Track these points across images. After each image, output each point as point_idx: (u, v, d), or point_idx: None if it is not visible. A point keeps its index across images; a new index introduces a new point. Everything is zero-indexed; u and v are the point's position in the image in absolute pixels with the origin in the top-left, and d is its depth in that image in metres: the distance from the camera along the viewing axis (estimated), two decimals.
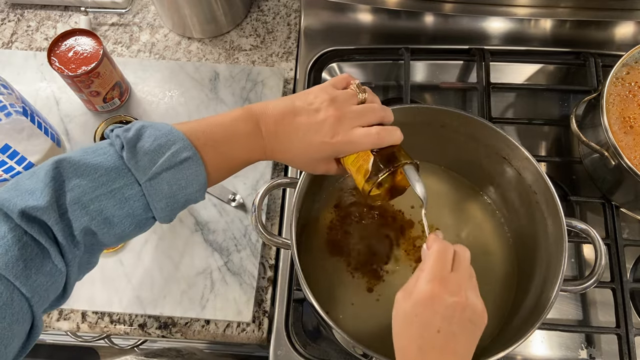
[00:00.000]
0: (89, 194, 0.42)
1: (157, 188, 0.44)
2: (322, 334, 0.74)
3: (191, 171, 0.45)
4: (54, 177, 0.41)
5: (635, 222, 0.81)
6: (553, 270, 0.60)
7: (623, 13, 0.87)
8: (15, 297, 0.39)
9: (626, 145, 0.68)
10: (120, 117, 0.76)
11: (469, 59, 0.89)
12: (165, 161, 0.44)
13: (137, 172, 0.43)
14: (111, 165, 0.43)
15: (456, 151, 0.71)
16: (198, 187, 0.46)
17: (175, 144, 0.45)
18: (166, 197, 0.45)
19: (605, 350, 0.74)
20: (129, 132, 0.44)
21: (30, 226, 0.40)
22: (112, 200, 0.43)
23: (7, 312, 0.38)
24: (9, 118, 0.67)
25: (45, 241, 0.40)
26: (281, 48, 0.93)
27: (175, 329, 0.74)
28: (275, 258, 0.77)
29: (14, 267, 0.39)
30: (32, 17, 0.96)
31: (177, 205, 0.46)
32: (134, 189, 0.43)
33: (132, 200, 0.43)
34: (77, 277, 0.46)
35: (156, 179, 0.44)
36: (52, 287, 0.42)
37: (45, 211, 0.40)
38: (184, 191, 0.45)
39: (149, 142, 0.44)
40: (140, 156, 0.43)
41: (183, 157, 0.44)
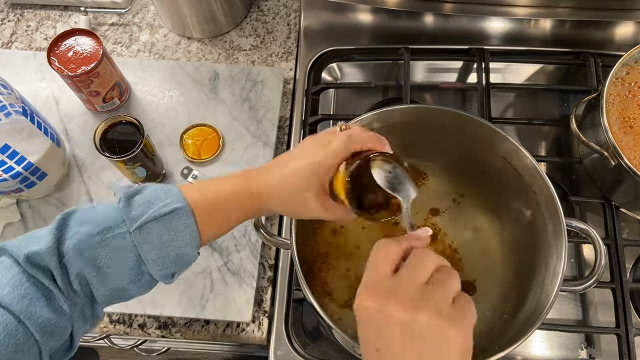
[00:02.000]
0: (85, 242, 0.44)
1: (146, 238, 0.45)
2: (322, 334, 0.74)
3: (181, 222, 0.46)
4: (58, 226, 0.45)
5: (635, 222, 0.81)
6: (553, 270, 0.60)
7: (623, 13, 0.87)
8: (20, 329, 0.41)
9: (626, 145, 0.68)
10: (119, 117, 0.76)
11: (469, 59, 0.89)
12: (154, 211, 0.45)
13: (129, 222, 0.45)
14: (110, 216, 0.46)
15: (456, 151, 0.71)
16: (189, 240, 0.47)
17: (168, 197, 0.46)
18: (156, 248, 0.46)
19: (605, 351, 0.74)
20: (131, 188, 0.47)
21: (34, 270, 0.43)
22: (105, 248, 0.44)
23: (10, 341, 0.40)
24: (9, 118, 0.67)
25: (49, 284, 0.43)
26: (281, 48, 0.93)
27: (174, 329, 0.74)
28: (275, 258, 0.77)
29: (19, 303, 0.41)
30: (31, 17, 0.96)
31: (167, 258, 0.46)
32: (126, 239, 0.45)
33: (124, 250, 0.45)
34: (84, 328, 0.47)
35: (144, 227, 0.45)
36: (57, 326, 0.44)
37: (46, 256, 0.43)
38: (173, 243, 0.46)
39: (145, 196, 0.47)
40: (134, 207, 0.46)
41: (172, 207, 0.46)
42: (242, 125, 0.84)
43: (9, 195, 0.75)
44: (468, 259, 0.70)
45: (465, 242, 0.71)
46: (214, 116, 0.84)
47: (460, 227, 0.72)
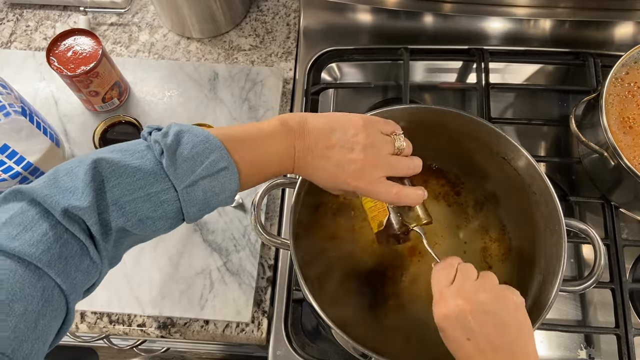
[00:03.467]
0: (126, 196, 0.43)
1: (192, 195, 0.45)
2: (321, 334, 0.74)
3: (226, 179, 0.46)
4: (93, 177, 0.42)
5: (635, 222, 0.81)
6: (552, 270, 0.60)
7: (622, 13, 0.87)
8: (56, 294, 0.40)
9: (625, 146, 0.68)
10: (119, 117, 0.76)
11: (469, 59, 0.89)
12: (203, 170, 0.45)
13: (175, 179, 0.44)
14: (149, 170, 0.44)
15: (455, 151, 0.71)
16: (229, 194, 0.48)
17: (213, 153, 0.46)
18: (200, 203, 0.46)
19: (604, 351, 0.74)
20: (167, 138, 0.45)
21: (71, 225, 0.41)
22: (148, 203, 0.44)
23: (48, 308, 0.39)
24: (8, 118, 0.67)
25: (85, 239, 0.42)
26: (280, 48, 0.92)
27: (174, 329, 0.74)
28: (275, 258, 0.77)
29: (56, 264, 0.40)
30: (31, 16, 0.96)
31: (208, 210, 0.48)
32: (170, 194, 0.45)
33: (166, 204, 0.45)
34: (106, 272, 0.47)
35: (193, 186, 0.45)
36: (88, 283, 0.44)
37: (86, 211, 0.41)
38: (216, 198, 0.47)
39: (188, 149, 0.45)
40: (179, 163, 0.44)
41: (220, 166, 0.46)
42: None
43: None
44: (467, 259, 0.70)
45: (464, 243, 0.71)
46: (213, 116, 0.84)
47: (459, 228, 0.72)
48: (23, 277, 0.38)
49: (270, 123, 0.50)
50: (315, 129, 0.50)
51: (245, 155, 0.48)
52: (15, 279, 0.38)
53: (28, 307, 0.38)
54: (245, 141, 0.49)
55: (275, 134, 0.50)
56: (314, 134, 0.50)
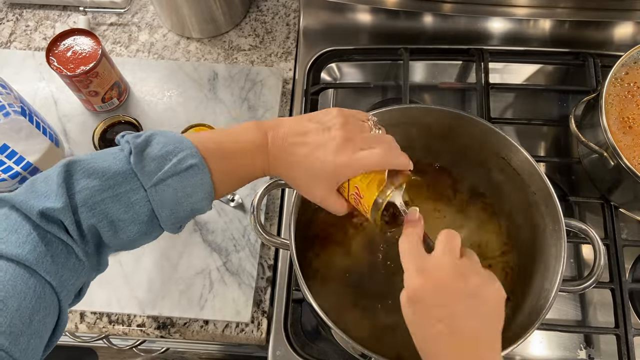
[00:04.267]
0: (96, 196, 0.43)
1: (161, 194, 0.44)
2: (321, 334, 0.74)
3: (197, 179, 0.45)
4: (65, 179, 0.42)
5: (634, 223, 0.81)
6: (552, 270, 0.60)
7: (622, 13, 0.87)
8: (47, 291, 0.41)
9: (625, 146, 0.68)
10: (119, 117, 0.76)
11: (468, 59, 0.89)
12: (170, 167, 0.44)
13: (143, 178, 0.44)
14: (119, 169, 0.43)
15: (455, 151, 0.71)
16: (203, 195, 0.46)
17: (182, 151, 0.45)
18: (171, 204, 0.45)
19: (604, 351, 0.74)
20: (138, 138, 0.45)
21: (50, 226, 0.41)
22: (117, 203, 0.43)
23: (41, 305, 0.40)
24: (7, 118, 0.67)
25: (67, 238, 0.42)
26: (280, 48, 0.92)
27: (173, 330, 0.74)
28: (274, 258, 0.77)
29: (43, 262, 0.40)
30: (30, 16, 0.96)
31: (182, 214, 0.46)
32: (139, 194, 0.44)
33: (137, 205, 0.44)
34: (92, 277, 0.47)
35: (161, 184, 0.44)
36: (77, 282, 0.44)
37: (61, 212, 0.41)
38: (189, 199, 0.46)
39: (157, 149, 0.44)
40: (147, 162, 0.44)
41: (189, 164, 0.45)
42: None
43: None
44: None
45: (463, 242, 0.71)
46: (213, 116, 0.84)
47: (458, 228, 0.72)
48: (14, 275, 0.39)
49: (246, 123, 0.50)
50: (290, 122, 0.50)
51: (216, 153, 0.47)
52: (7, 277, 0.38)
53: (22, 303, 0.38)
54: (216, 139, 0.48)
55: (248, 128, 0.49)
56: (289, 125, 0.49)
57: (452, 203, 0.74)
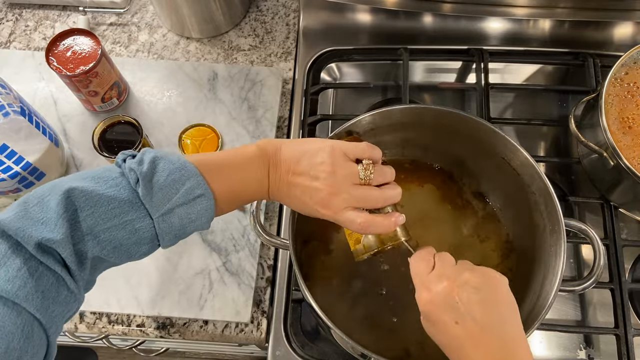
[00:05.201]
0: (101, 225, 0.43)
1: (168, 222, 0.45)
2: (321, 334, 0.74)
3: (202, 206, 0.47)
4: (66, 207, 0.42)
5: (634, 223, 0.81)
6: (552, 270, 0.60)
7: (622, 13, 0.87)
8: (36, 329, 0.40)
9: (625, 146, 0.68)
10: (118, 117, 0.76)
11: (468, 59, 0.89)
12: (179, 198, 0.45)
13: (151, 208, 0.45)
14: (125, 199, 0.44)
15: (454, 151, 0.71)
16: (206, 219, 0.48)
17: (189, 180, 0.46)
18: (175, 230, 0.46)
19: (603, 351, 0.74)
20: (142, 166, 0.45)
21: (45, 257, 0.41)
22: (123, 231, 0.44)
23: (29, 345, 0.39)
24: (7, 118, 0.67)
25: (60, 270, 0.41)
26: (280, 48, 0.92)
27: (173, 330, 0.74)
28: (274, 258, 0.77)
29: (33, 299, 0.39)
30: (30, 16, 0.95)
31: (184, 235, 0.48)
32: (145, 222, 0.45)
33: (141, 231, 0.45)
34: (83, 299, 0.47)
35: (169, 214, 0.45)
36: (67, 315, 0.44)
37: (61, 244, 0.41)
38: (193, 224, 0.47)
39: (164, 177, 0.45)
40: (155, 191, 0.45)
41: (196, 194, 0.46)
42: (241, 125, 0.84)
43: (7, 195, 0.75)
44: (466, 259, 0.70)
45: (463, 242, 0.71)
46: (212, 116, 0.84)
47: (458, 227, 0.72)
48: (2, 314, 0.38)
49: (249, 149, 0.51)
50: (287, 158, 0.51)
51: (221, 182, 0.48)
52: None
53: (10, 345, 0.38)
54: (222, 168, 0.49)
55: (252, 162, 0.50)
56: (285, 163, 0.51)
57: (452, 203, 0.74)
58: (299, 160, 0.50)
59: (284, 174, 0.50)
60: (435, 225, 0.72)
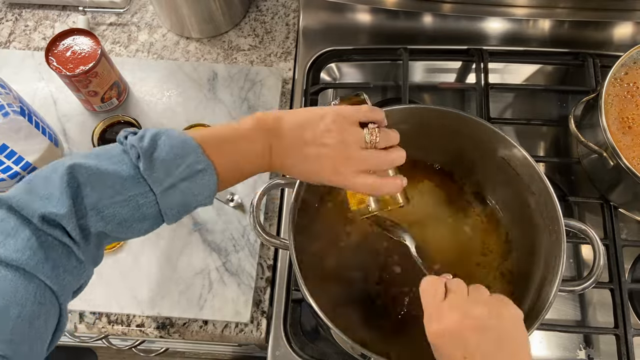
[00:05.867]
0: (105, 200, 0.43)
1: (171, 197, 0.46)
2: (321, 334, 0.74)
3: (204, 181, 0.47)
4: (69, 183, 0.42)
5: (634, 223, 0.81)
6: (551, 270, 0.60)
7: (621, 13, 0.87)
8: (47, 295, 0.41)
9: (624, 146, 0.68)
10: (118, 117, 0.76)
11: (468, 59, 0.89)
12: (180, 172, 0.45)
13: (153, 183, 0.45)
14: (127, 174, 0.44)
15: (454, 151, 0.71)
16: (208, 194, 0.48)
17: (190, 155, 0.46)
18: (178, 205, 0.46)
19: (603, 351, 0.74)
20: (143, 142, 0.45)
21: (52, 230, 0.41)
22: (126, 207, 0.44)
23: (42, 310, 0.40)
24: (7, 118, 0.67)
25: (68, 241, 0.42)
26: (280, 48, 0.92)
27: (173, 330, 0.74)
28: (274, 258, 0.77)
29: (44, 267, 0.40)
30: (30, 16, 0.95)
31: (187, 210, 0.48)
32: (149, 197, 0.45)
33: (145, 206, 0.45)
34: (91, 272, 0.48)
35: (171, 189, 0.45)
36: (76, 283, 0.44)
37: (64, 217, 0.41)
38: (195, 198, 0.47)
39: (164, 152, 0.45)
40: (157, 167, 0.45)
41: (198, 168, 0.46)
42: None
43: None
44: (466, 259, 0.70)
45: (462, 242, 0.71)
46: (212, 116, 0.84)
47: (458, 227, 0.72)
48: (15, 281, 0.39)
49: (246, 122, 0.50)
50: (290, 128, 0.50)
51: (222, 156, 0.48)
52: (7, 284, 0.39)
53: (22, 310, 0.38)
54: (222, 142, 0.49)
55: (252, 134, 0.50)
56: (289, 134, 0.50)
57: (452, 203, 0.74)
58: (304, 129, 0.50)
59: (290, 145, 0.50)
60: (435, 225, 0.72)
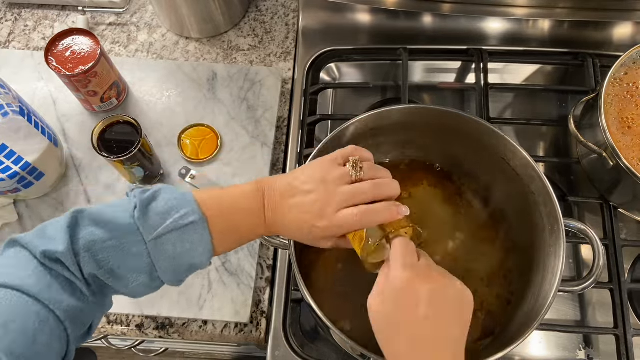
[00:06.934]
0: (99, 244, 0.45)
1: (161, 248, 0.46)
2: (320, 334, 0.74)
3: (197, 235, 0.47)
4: (70, 224, 0.45)
5: (634, 223, 0.81)
6: (551, 270, 0.59)
7: (621, 14, 0.87)
8: (51, 317, 0.42)
9: (624, 146, 0.68)
10: (117, 117, 0.75)
11: (467, 59, 0.89)
12: (171, 223, 0.46)
13: (145, 231, 0.45)
14: (123, 222, 0.45)
15: (454, 152, 0.71)
16: (202, 251, 0.48)
17: (184, 208, 0.47)
18: (170, 258, 0.46)
19: (603, 351, 0.74)
20: (145, 194, 0.47)
21: (53, 265, 0.43)
22: (119, 253, 0.45)
23: (45, 328, 0.41)
24: (6, 118, 0.67)
25: (70, 276, 0.44)
26: (279, 48, 0.92)
27: (172, 330, 0.74)
28: (273, 258, 0.77)
29: (47, 292, 0.42)
30: (29, 16, 0.95)
31: (181, 268, 0.48)
32: (140, 247, 0.45)
33: (137, 256, 0.45)
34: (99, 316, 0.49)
35: (161, 238, 0.46)
36: (82, 314, 0.45)
37: (63, 255, 0.43)
38: (188, 254, 0.47)
39: (161, 204, 0.46)
40: (151, 216, 0.46)
41: (189, 220, 0.46)
42: (240, 125, 0.83)
43: (6, 195, 0.75)
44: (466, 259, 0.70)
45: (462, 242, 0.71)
46: (212, 116, 0.84)
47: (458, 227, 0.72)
48: (18, 302, 0.40)
49: (246, 185, 0.51)
50: (281, 185, 0.51)
51: (218, 213, 0.48)
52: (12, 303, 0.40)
53: (25, 325, 0.40)
54: (221, 199, 0.50)
55: (248, 192, 0.51)
56: (279, 189, 0.51)
57: (452, 203, 0.74)
58: (292, 182, 0.50)
59: (279, 199, 0.50)
60: (435, 225, 0.72)
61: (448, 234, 0.71)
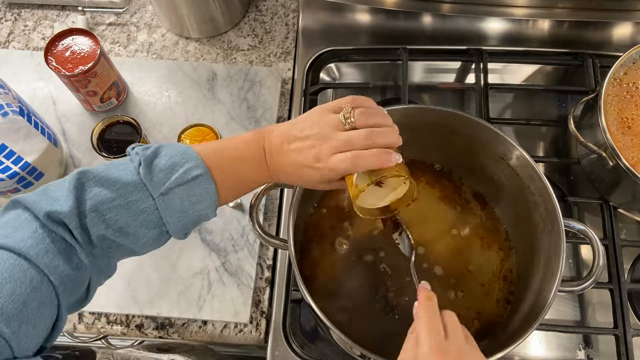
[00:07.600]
0: (106, 204, 0.45)
1: (169, 203, 0.47)
2: (320, 334, 0.74)
3: (202, 188, 0.48)
4: (76, 186, 0.45)
5: (633, 223, 0.81)
6: (551, 270, 0.59)
7: (621, 14, 0.87)
8: (45, 283, 0.42)
9: (624, 146, 0.68)
10: (117, 117, 0.75)
11: (467, 59, 0.89)
12: (177, 178, 0.47)
13: (152, 187, 0.46)
14: (129, 180, 0.46)
15: (454, 151, 0.71)
16: (209, 203, 0.49)
17: (188, 162, 0.48)
18: (178, 212, 0.48)
19: (602, 351, 0.74)
20: (147, 150, 0.48)
21: (55, 227, 0.44)
22: (127, 211, 0.46)
23: (36, 294, 0.41)
24: (6, 118, 0.67)
25: (70, 239, 0.44)
26: (279, 48, 0.92)
27: (172, 330, 0.74)
28: (273, 258, 0.77)
29: (44, 257, 0.42)
30: (29, 16, 0.95)
31: (188, 220, 0.49)
32: (148, 203, 0.46)
33: (146, 213, 0.46)
34: (99, 281, 0.49)
35: (168, 194, 0.47)
36: (77, 281, 0.45)
37: (67, 216, 0.44)
38: (194, 207, 0.48)
39: (165, 160, 0.47)
40: (156, 173, 0.47)
41: (195, 174, 0.47)
42: (240, 125, 0.83)
43: (5, 195, 0.75)
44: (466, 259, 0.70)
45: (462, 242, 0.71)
46: (211, 116, 0.84)
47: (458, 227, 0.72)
48: (13, 264, 0.41)
49: (246, 135, 0.52)
50: (280, 133, 0.52)
51: (221, 163, 0.49)
52: (5, 265, 0.40)
53: (16, 289, 0.40)
54: (221, 150, 0.51)
55: (249, 141, 0.52)
56: (279, 136, 0.51)
57: (452, 203, 0.74)
58: (290, 128, 0.51)
59: (279, 145, 0.51)
60: (434, 225, 0.72)
61: (447, 233, 0.71)
